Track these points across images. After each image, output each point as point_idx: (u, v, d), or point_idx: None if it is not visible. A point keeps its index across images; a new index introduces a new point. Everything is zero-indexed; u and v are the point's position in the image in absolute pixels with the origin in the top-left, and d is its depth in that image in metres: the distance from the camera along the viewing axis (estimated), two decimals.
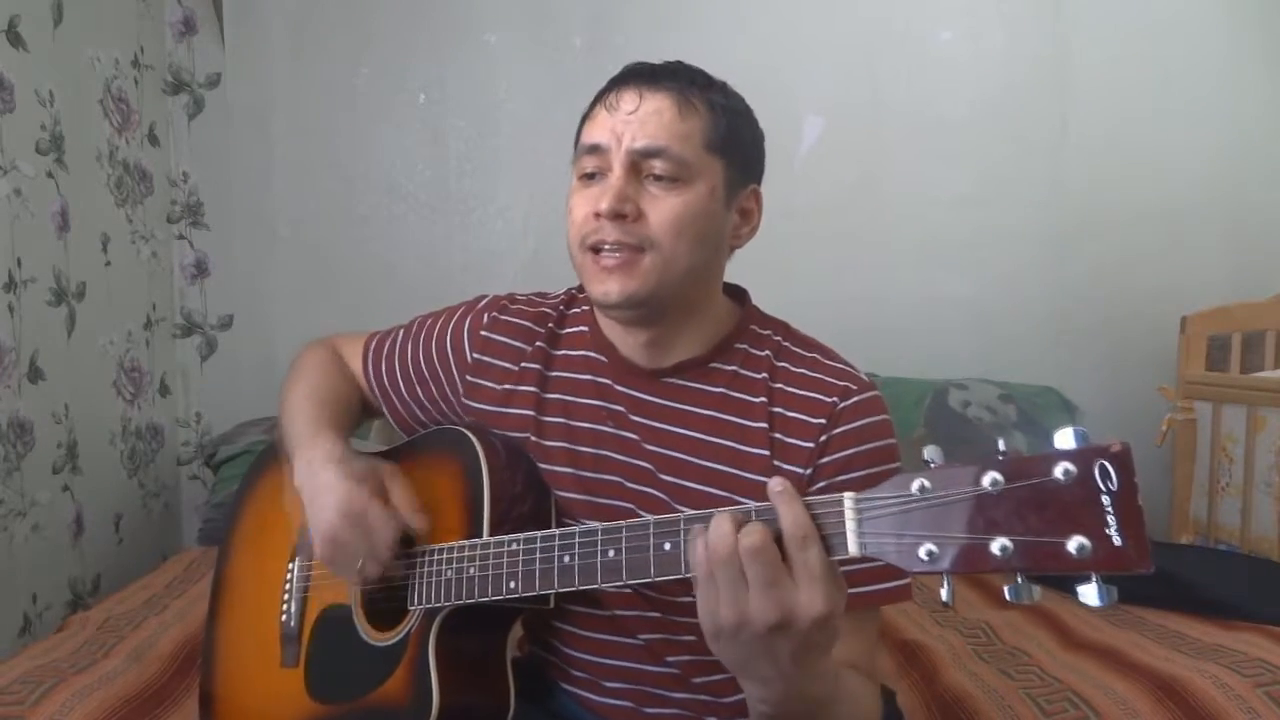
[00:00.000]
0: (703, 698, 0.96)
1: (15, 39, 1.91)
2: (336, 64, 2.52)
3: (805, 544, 0.67)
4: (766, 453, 0.93)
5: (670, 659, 0.97)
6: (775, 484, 0.70)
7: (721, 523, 0.69)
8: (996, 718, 1.28)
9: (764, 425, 0.94)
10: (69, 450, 2.10)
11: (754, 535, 0.67)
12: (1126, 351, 2.47)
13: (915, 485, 0.65)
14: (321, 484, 0.95)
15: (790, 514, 0.68)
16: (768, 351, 0.98)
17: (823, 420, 0.92)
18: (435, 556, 0.93)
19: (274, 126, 2.54)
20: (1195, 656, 1.41)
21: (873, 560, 0.67)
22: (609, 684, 1.00)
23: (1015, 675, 1.41)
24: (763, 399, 0.95)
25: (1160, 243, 2.46)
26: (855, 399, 0.93)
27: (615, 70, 0.98)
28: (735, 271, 1.04)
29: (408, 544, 0.98)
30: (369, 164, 2.55)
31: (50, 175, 2.03)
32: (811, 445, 0.92)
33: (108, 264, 2.26)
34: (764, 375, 0.96)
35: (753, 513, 0.70)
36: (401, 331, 1.15)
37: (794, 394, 0.95)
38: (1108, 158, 2.46)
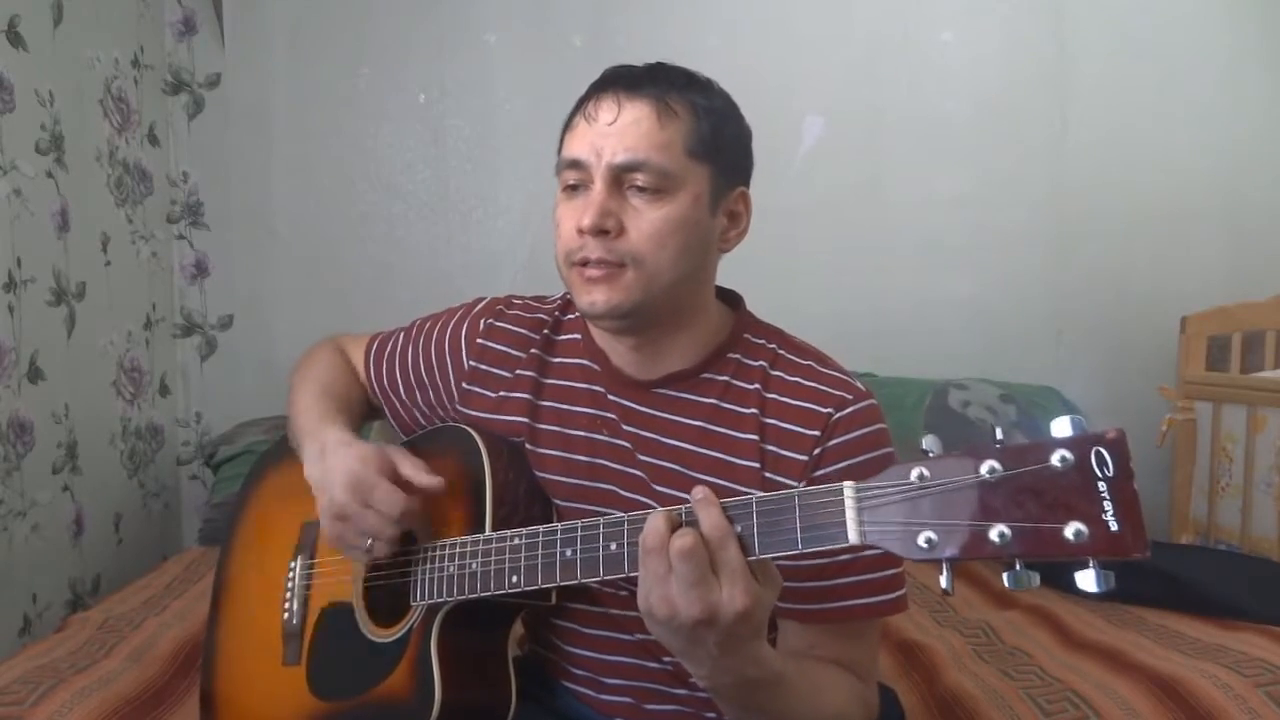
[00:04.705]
0: (701, 694, 0.96)
1: (15, 39, 1.91)
2: (336, 64, 2.53)
3: (724, 544, 0.71)
4: (757, 465, 0.92)
5: (666, 658, 0.97)
6: (696, 492, 0.73)
7: (656, 519, 0.73)
8: (996, 718, 1.28)
9: (754, 437, 0.93)
10: (69, 450, 2.10)
11: (685, 538, 0.70)
12: (1126, 352, 2.47)
13: (914, 474, 0.66)
14: (329, 466, 0.95)
15: (708, 519, 0.71)
16: (762, 362, 0.97)
17: (817, 432, 0.91)
18: (437, 552, 0.93)
19: (274, 126, 2.54)
20: (1195, 656, 1.41)
21: (873, 548, 0.68)
22: (609, 681, 1.00)
23: (1015, 675, 1.41)
24: (754, 410, 0.94)
25: (1160, 243, 2.46)
26: (851, 409, 0.92)
27: None
28: (735, 272, 1.03)
29: (410, 540, 0.98)
30: (369, 164, 2.55)
31: (50, 175, 2.03)
32: (805, 458, 0.91)
33: (108, 264, 2.26)
34: (756, 386, 0.95)
35: (682, 515, 0.74)
36: (401, 335, 1.15)
37: (788, 404, 0.93)
38: (1108, 158, 2.46)
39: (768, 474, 0.92)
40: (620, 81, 0.92)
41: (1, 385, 1.88)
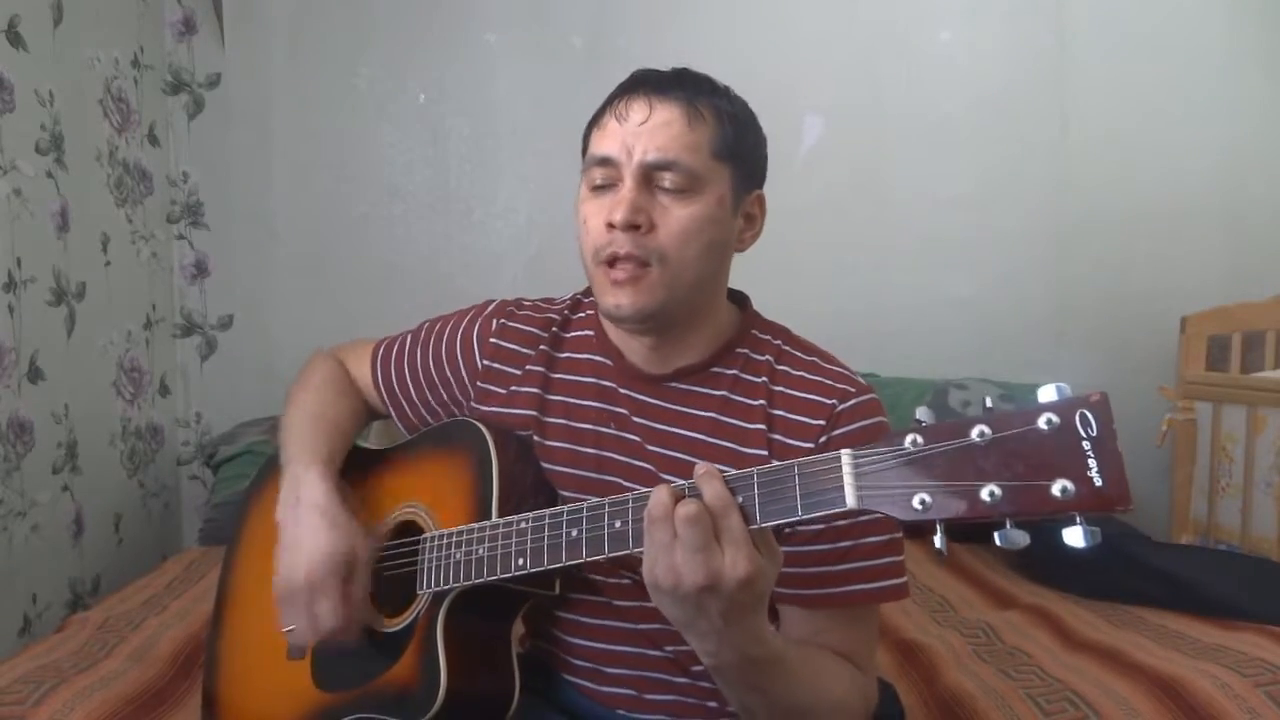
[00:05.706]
0: (702, 684, 0.98)
1: (15, 39, 1.91)
2: (336, 64, 2.53)
3: (726, 512, 0.73)
4: (765, 453, 0.95)
5: (669, 647, 0.98)
6: (699, 467, 0.76)
7: (661, 491, 0.75)
8: (996, 718, 1.28)
9: (762, 427, 0.96)
10: (69, 450, 2.10)
11: (689, 505, 0.73)
12: (1126, 351, 2.47)
13: (908, 440, 0.68)
14: (302, 533, 0.96)
15: (711, 490, 0.74)
16: (768, 356, 1.00)
17: (822, 422, 0.94)
18: (444, 540, 0.94)
19: (274, 126, 2.54)
20: (1195, 656, 1.41)
21: (871, 512, 0.70)
22: (610, 671, 1.01)
23: (1015, 675, 1.41)
24: (761, 402, 0.97)
25: (1160, 243, 2.46)
26: (854, 401, 0.95)
27: (615, 71, 0.99)
28: (735, 270, 1.04)
29: (415, 531, 0.98)
30: (369, 164, 2.55)
31: (50, 175, 2.03)
32: (811, 446, 0.94)
33: (108, 264, 2.26)
34: (763, 379, 0.98)
35: (685, 488, 0.76)
36: (409, 337, 1.16)
37: (793, 396, 0.96)
38: (1108, 157, 2.46)
39: (775, 463, 0.93)
40: (650, 83, 0.95)
41: (1, 385, 1.88)
